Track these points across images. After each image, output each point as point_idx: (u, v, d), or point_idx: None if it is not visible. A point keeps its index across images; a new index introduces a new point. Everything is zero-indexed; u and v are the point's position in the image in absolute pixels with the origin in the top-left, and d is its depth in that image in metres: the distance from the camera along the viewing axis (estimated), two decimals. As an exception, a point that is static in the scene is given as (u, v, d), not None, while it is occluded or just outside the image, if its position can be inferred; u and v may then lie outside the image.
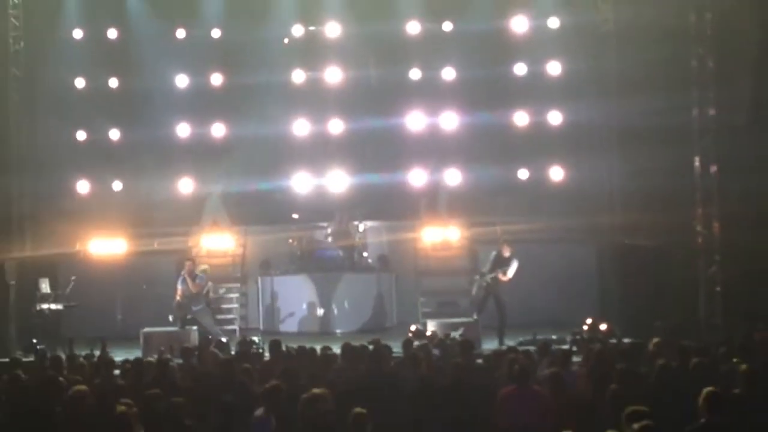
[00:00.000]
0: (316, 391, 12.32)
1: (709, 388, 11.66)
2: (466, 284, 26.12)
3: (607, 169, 27.69)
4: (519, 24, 29.24)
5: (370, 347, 17.77)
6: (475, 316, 24.37)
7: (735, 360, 14.86)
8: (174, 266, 27.91)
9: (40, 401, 13.54)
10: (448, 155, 29.09)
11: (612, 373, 14.17)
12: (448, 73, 29.34)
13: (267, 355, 19.13)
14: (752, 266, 23.02)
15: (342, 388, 14.53)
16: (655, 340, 16.66)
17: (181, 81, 29.58)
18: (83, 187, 29.15)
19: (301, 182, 29.49)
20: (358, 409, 11.76)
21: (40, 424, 12.59)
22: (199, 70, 29.58)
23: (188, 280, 24.34)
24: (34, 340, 24.14)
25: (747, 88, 24.00)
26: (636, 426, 10.71)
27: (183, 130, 29.50)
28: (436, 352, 17.94)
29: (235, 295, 28.15)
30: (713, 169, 24.25)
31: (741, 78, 24.04)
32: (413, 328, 23.96)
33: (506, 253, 24.26)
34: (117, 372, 17.03)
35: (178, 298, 24.45)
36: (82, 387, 13.47)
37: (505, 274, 24.10)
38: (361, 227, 28.43)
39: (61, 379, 14.67)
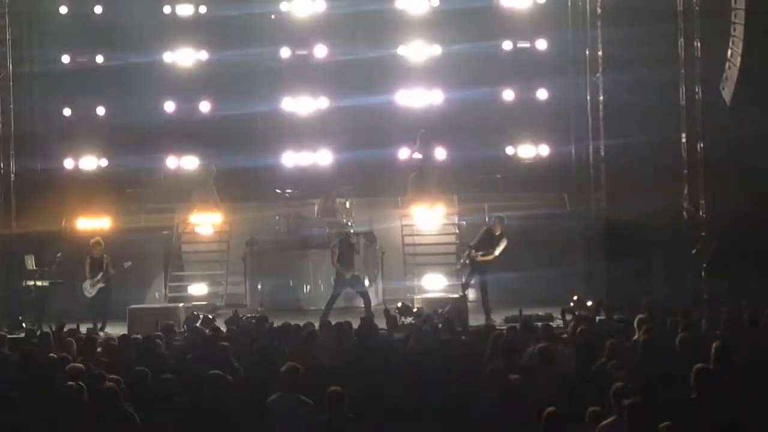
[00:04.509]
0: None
1: (700, 365, 11.70)
2: (453, 260, 26.08)
3: (593, 145, 27.71)
4: (506, 0, 29.13)
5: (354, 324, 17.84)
6: (461, 293, 24.37)
7: (716, 332, 14.91)
8: (161, 242, 27.93)
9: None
10: (435, 132, 29.01)
11: (598, 349, 14.21)
12: (435, 50, 29.27)
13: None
14: (737, 242, 23.06)
15: (327, 363, 14.59)
16: (641, 316, 16.67)
17: (168, 57, 29.47)
18: (69, 163, 29.05)
19: (288, 159, 29.43)
20: (333, 388, 11.82)
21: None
22: (185, 47, 29.46)
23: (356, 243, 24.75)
24: (20, 317, 24.18)
25: (733, 65, 24.01)
26: (625, 402, 10.75)
27: (169, 107, 29.41)
28: (426, 328, 17.97)
29: (221, 272, 28.11)
30: (700, 145, 24.25)
31: (727, 55, 24.04)
32: (399, 304, 23.96)
33: (497, 231, 24.20)
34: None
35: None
36: (78, 365, 13.55)
37: (490, 253, 24.04)
38: (348, 204, 28.35)
39: (53, 355, 14.76)
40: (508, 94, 29.01)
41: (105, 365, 14.59)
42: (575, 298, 23.46)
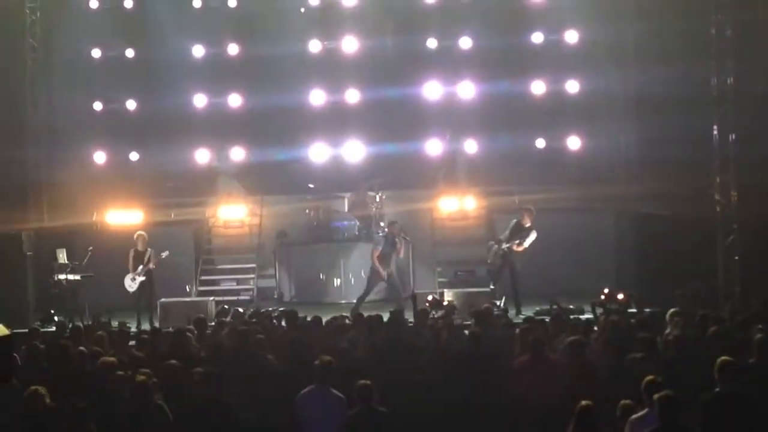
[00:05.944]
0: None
1: (723, 357, 11.65)
2: (483, 253, 26.02)
3: (624, 138, 27.63)
4: (537, -8, 29.04)
5: (384, 317, 17.89)
6: (491, 286, 24.35)
7: (759, 327, 14.81)
8: (192, 236, 28.05)
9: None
10: (465, 125, 28.98)
11: (629, 343, 14.16)
12: (465, 42, 29.16)
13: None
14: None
15: (357, 356, 14.60)
16: (673, 309, 16.62)
17: (198, 51, 29.52)
18: (100, 157, 29.13)
19: (317, 152, 29.42)
20: (363, 381, 11.84)
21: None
22: (215, 40, 29.51)
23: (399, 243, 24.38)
24: (52, 311, 24.30)
25: (766, 56, 23.88)
26: (655, 396, 10.73)
27: (199, 100, 29.44)
28: (459, 321, 18.01)
29: (251, 265, 28.19)
30: (731, 137, 24.12)
31: (760, 46, 23.91)
32: (430, 297, 23.92)
33: (526, 223, 24.21)
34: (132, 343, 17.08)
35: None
36: (111, 358, 13.61)
37: (520, 244, 24.08)
38: (378, 197, 28.37)
39: (83, 349, 14.82)
40: (539, 86, 28.89)
41: (137, 359, 14.64)
42: (606, 291, 23.27)
